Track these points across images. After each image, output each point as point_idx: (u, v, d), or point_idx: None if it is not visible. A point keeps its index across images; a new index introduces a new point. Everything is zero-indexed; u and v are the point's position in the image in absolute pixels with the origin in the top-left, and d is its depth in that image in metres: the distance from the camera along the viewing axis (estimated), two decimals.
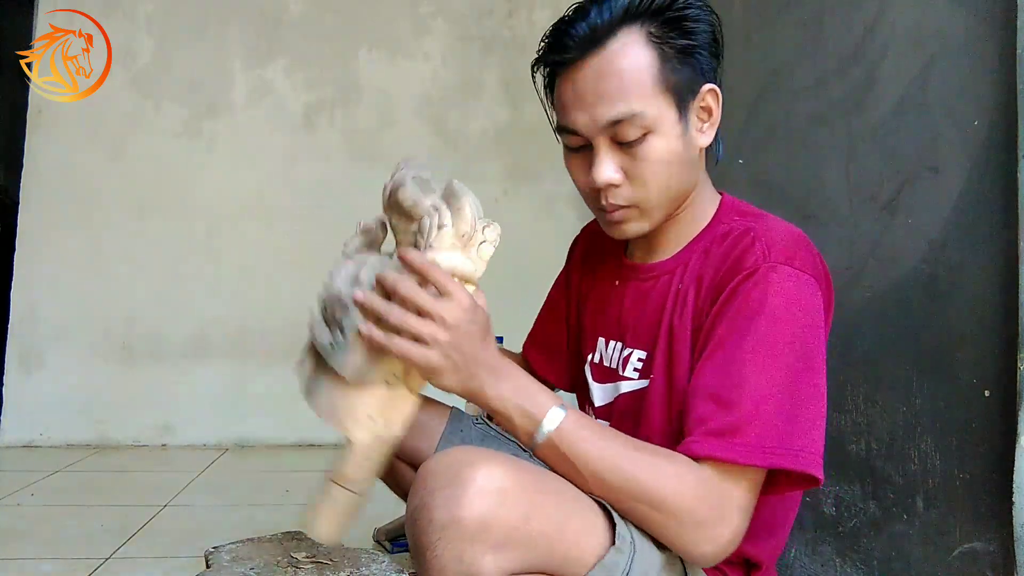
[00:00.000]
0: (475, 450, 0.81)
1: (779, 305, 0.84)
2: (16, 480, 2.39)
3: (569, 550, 0.79)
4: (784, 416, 0.81)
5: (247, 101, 3.19)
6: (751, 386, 0.82)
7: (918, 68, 1.21)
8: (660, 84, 0.89)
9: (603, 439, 0.84)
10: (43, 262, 3.03)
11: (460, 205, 0.84)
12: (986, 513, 1.05)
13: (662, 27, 0.89)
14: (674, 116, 0.90)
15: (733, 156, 1.73)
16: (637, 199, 0.92)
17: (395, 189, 0.92)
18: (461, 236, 0.84)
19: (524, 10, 3.33)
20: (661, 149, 0.90)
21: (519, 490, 0.76)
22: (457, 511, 0.73)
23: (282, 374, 3.08)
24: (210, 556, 1.38)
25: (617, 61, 0.89)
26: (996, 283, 1.04)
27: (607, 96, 0.88)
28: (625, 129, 0.89)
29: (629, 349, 1.00)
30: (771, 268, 0.86)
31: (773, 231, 0.91)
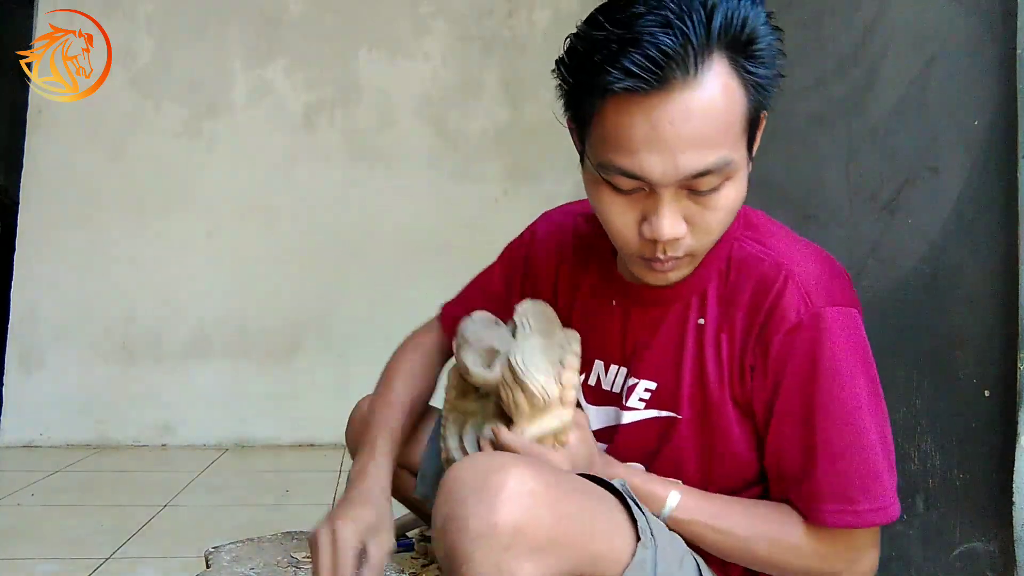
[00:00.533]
0: (501, 454, 0.81)
1: (840, 357, 0.83)
2: (16, 480, 2.39)
3: (600, 550, 0.78)
4: (886, 463, 0.85)
5: (247, 101, 3.19)
6: (853, 449, 0.83)
7: (918, 68, 1.21)
8: (745, 121, 0.78)
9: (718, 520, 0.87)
10: (43, 262, 3.03)
11: (527, 388, 0.84)
12: (986, 513, 1.05)
13: (747, 53, 0.76)
14: (746, 157, 0.81)
15: None
16: (695, 249, 0.82)
17: (464, 375, 0.92)
18: (537, 408, 0.86)
19: (524, 10, 3.33)
20: (733, 197, 0.80)
21: (549, 492, 0.75)
22: (491, 518, 0.71)
23: (282, 374, 3.11)
24: (210, 556, 1.38)
25: (710, 98, 0.74)
26: (996, 283, 1.04)
27: (697, 142, 0.74)
28: (708, 180, 0.77)
29: (635, 379, 0.95)
30: (814, 316, 0.83)
31: (803, 264, 0.87)
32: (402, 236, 3.16)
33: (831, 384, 0.83)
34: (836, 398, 0.83)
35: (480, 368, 0.89)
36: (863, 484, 0.83)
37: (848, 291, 0.89)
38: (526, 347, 0.85)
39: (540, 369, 0.84)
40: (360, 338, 3.10)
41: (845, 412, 0.83)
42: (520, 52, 3.30)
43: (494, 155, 3.27)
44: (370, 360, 3.55)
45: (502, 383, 0.86)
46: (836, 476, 0.83)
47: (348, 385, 3.03)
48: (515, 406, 0.86)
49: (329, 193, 3.18)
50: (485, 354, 0.90)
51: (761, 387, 0.87)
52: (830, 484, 0.83)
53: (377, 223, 3.18)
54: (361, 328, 3.12)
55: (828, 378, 0.83)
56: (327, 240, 3.16)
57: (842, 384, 0.83)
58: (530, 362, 0.84)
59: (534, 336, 0.88)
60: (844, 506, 0.83)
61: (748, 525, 0.87)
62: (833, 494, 0.83)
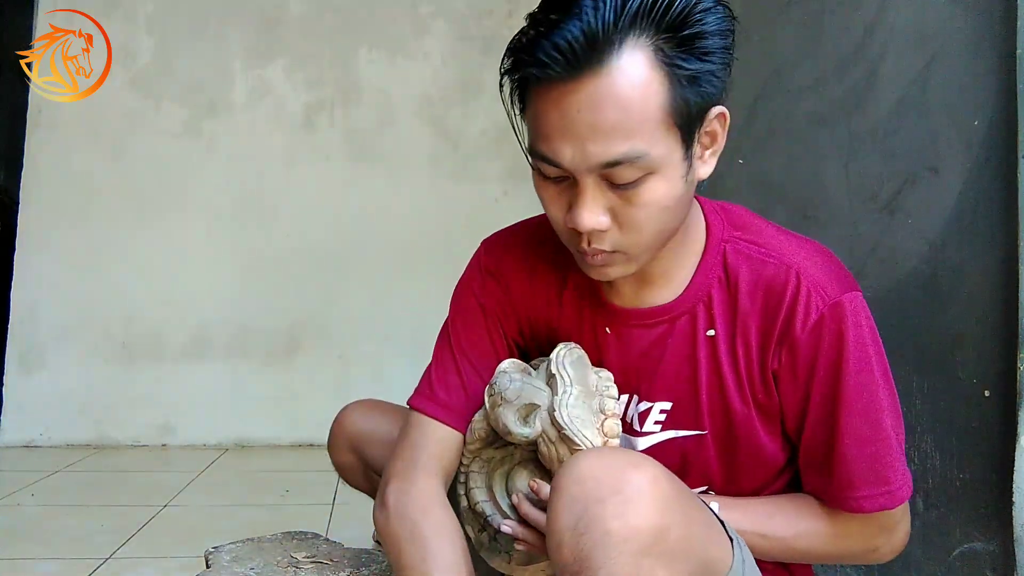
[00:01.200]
0: (629, 452, 0.80)
1: (866, 340, 0.85)
2: (16, 480, 2.39)
3: (714, 555, 0.78)
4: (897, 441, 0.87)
5: (247, 101, 3.19)
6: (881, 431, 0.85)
7: (918, 68, 1.21)
8: (669, 117, 0.73)
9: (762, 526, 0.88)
10: (43, 262, 3.03)
11: (572, 443, 0.82)
12: (986, 513, 1.05)
13: (676, 42, 0.72)
14: (680, 154, 0.75)
15: (733, 156, 1.73)
16: (625, 246, 0.79)
17: (504, 435, 0.88)
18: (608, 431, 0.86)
19: (524, 10, 3.27)
20: (661, 193, 0.75)
21: (677, 495, 0.73)
22: (634, 520, 0.68)
23: (282, 374, 3.11)
24: (210, 556, 1.38)
25: (621, 87, 0.71)
26: (996, 283, 1.04)
27: (605, 131, 0.72)
28: (622, 171, 0.73)
29: (647, 403, 0.92)
30: (836, 306, 0.84)
31: (807, 260, 0.87)
32: (402, 236, 3.16)
33: (855, 371, 0.84)
34: (860, 386, 0.85)
35: (521, 427, 0.85)
36: (891, 464, 0.85)
37: (849, 276, 0.90)
38: (569, 402, 0.82)
39: (584, 423, 0.82)
40: (360, 338, 3.10)
41: (868, 397, 0.85)
42: None
43: (494, 155, 3.27)
44: (370, 360, 3.56)
45: (544, 439, 0.85)
46: (866, 460, 0.84)
47: (348, 385, 3.05)
48: (558, 462, 0.83)
49: (329, 193, 3.17)
50: (523, 409, 0.86)
51: (792, 389, 0.87)
52: (862, 470, 0.85)
53: (377, 223, 3.17)
54: (361, 328, 3.12)
55: (852, 366, 0.84)
56: (327, 240, 3.16)
57: (862, 370, 0.85)
58: (575, 417, 0.82)
59: (574, 388, 0.84)
60: (879, 489, 0.84)
61: (788, 524, 0.88)
62: (866, 480, 0.85)
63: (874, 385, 0.85)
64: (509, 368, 0.90)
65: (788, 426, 0.90)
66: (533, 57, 0.72)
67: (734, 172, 1.71)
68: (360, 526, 1.84)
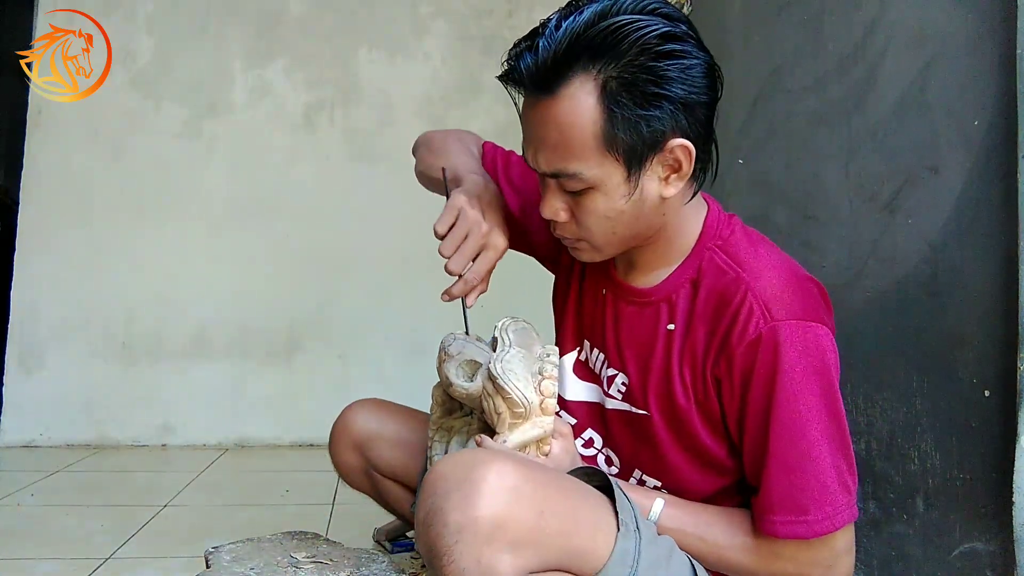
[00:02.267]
0: (483, 450, 0.83)
1: (797, 371, 0.85)
2: (16, 480, 2.39)
3: (584, 544, 0.80)
4: (843, 471, 0.87)
5: (247, 101, 3.19)
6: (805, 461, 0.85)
7: (918, 68, 1.21)
8: (605, 145, 0.82)
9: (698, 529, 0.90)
10: (43, 262, 3.03)
11: (507, 395, 0.87)
12: (986, 513, 1.05)
13: (622, 81, 0.80)
14: (620, 177, 0.84)
15: (733, 156, 1.73)
16: (582, 237, 0.91)
17: (446, 388, 0.96)
18: (518, 415, 0.88)
19: (524, 10, 3.33)
20: (602, 206, 0.86)
21: (531, 487, 0.76)
22: (472, 512, 0.72)
23: (282, 374, 3.11)
24: (210, 556, 1.38)
25: (561, 115, 0.82)
26: (996, 283, 1.04)
27: (549, 147, 0.85)
28: (565, 182, 0.86)
29: (613, 370, 0.99)
30: (775, 330, 0.85)
31: (763, 279, 0.89)
32: (402, 236, 3.16)
33: (785, 398, 0.85)
34: (790, 413, 0.85)
35: (462, 380, 0.92)
36: (813, 496, 0.85)
37: (813, 307, 0.89)
38: (505, 358, 0.89)
39: (519, 377, 0.88)
40: (360, 338, 3.11)
41: (798, 427, 0.85)
42: None
43: None
44: (370, 360, 3.57)
45: (484, 393, 0.89)
46: (786, 487, 0.85)
47: (348, 385, 3.05)
48: (496, 415, 0.88)
49: (329, 193, 3.17)
50: (467, 366, 0.93)
51: (730, 400, 0.90)
52: (780, 494, 0.86)
53: (377, 223, 3.17)
54: (361, 328, 3.12)
55: (783, 392, 0.85)
56: (327, 240, 3.16)
57: (796, 398, 0.85)
58: (509, 370, 0.88)
59: (513, 349, 0.91)
60: (794, 516, 0.85)
61: (726, 534, 0.90)
62: (783, 505, 0.86)
63: (808, 416, 0.85)
64: (459, 334, 1.00)
65: (732, 433, 0.92)
66: (508, 74, 0.86)
67: (734, 172, 1.71)
68: (360, 526, 1.84)
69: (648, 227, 0.92)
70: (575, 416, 1.06)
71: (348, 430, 1.33)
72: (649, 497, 0.92)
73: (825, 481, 0.85)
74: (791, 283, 0.90)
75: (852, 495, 0.87)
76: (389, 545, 1.69)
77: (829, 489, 0.85)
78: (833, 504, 0.85)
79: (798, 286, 0.90)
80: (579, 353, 1.07)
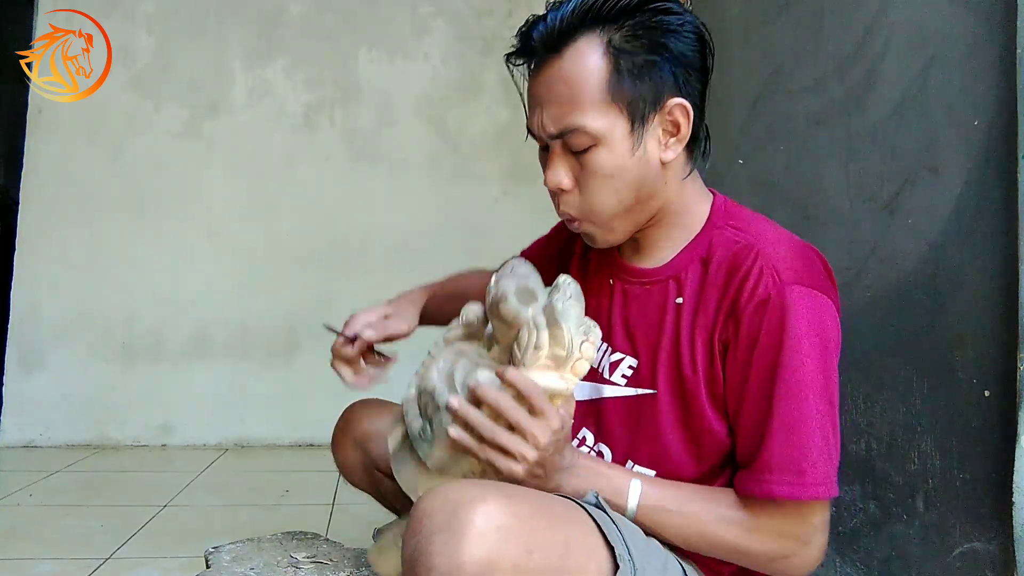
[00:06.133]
0: (470, 485, 0.80)
1: (803, 335, 0.86)
2: (16, 480, 2.39)
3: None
4: (831, 444, 0.87)
5: (247, 101, 3.19)
6: (804, 424, 0.85)
7: (918, 68, 1.21)
8: (610, 95, 0.86)
9: (681, 504, 0.89)
10: (43, 262, 3.03)
11: (558, 330, 0.85)
12: (986, 513, 1.05)
13: (625, 35, 0.86)
14: (624, 130, 0.88)
15: (733, 156, 1.73)
16: (587, 211, 0.92)
17: (497, 301, 0.91)
18: (556, 358, 0.86)
19: (524, 10, 3.32)
20: (607, 163, 0.88)
21: (519, 524, 0.74)
22: (458, 557, 0.70)
23: (282, 374, 3.11)
24: (210, 556, 1.38)
25: (567, 69, 0.87)
26: (996, 283, 1.04)
27: (555, 104, 0.88)
28: (572, 139, 0.88)
29: (619, 354, 0.99)
30: (783, 292, 0.86)
31: (773, 245, 0.91)
32: (402, 236, 3.16)
33: (792, 360, 0.86)
34: (795, 374, 0.86)
35: (516, 302, 0.89)
36: (810, 458, 0.85)
37: (820, 277, 0.91)
38: (568, 302, 0.87)
39: (573, 324, 0.86)
40: None
41: (800, 389, 0.86)
42: None
43: (494, 155, 3.26)
44: None
45: (531, 324, 0.86)
46: (788, 448, 0.85)
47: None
48: (533, 350, 0.85)
49: (329, 193, 3.17)
50: (523, 293, 0.90)
51: (733, 362, 0.89)
52: (781, 456, 0.85)
53: (377, 223, 3.18)
54: None
55: (790, 354, 0.85)
56: (327, 240, 3.16)
57: (802, 362, 0.86)
58: (568, 312, 0.86)
59: (573, 299, 0.89)
60: (792, 477, 0.85)
61: (708, 508, 0.89)
62: (782, 466, 0.85)
63: (809, 382, 0.86)
64: (527, 262, 0.99)
65: (730, 401, 0.91)
66: (519, 47, 0.91)
67: (734, 172, 1.72)
68: (360, 526, 1.84)
69: (650, 196, 0.92)
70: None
71: (351, 428, 1.33)
72: (628, 475, 0.90)
73: (820, 447, 0.86)
74: (800, 252, 0.91)
75: (835, 472, 0.88)
76: None
77: (822, 456, 0.86)
78: (825, 471, 0.86)
79: (805, 256, 0.92)
80: None
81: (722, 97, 0.94)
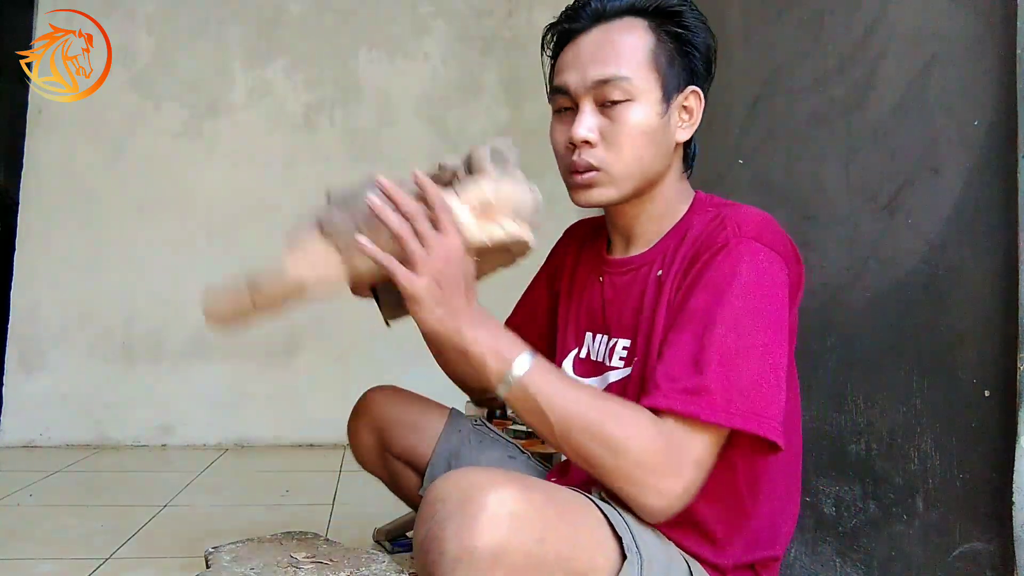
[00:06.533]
0: (483, 471, 0.80)
1: (748, 276, 0.87)
2: (16, 480, 2.39)
3: (582, 568, 0.78)
4: (750, 381, 0.83)
5: (247, 101, 3.19)
6: (720, 349, 0.84)
7: (918, 68, 1.21)
8: (651, 62, 0.96)
9: (570, 386, 0.87)
10: (43, 262, 3.03)
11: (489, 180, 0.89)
12: (986, 513, 1.05)
13: (663, 26, 0.98)
14: (658, 95, 0.96)
15: (733, 156, 1.73)
16: (607, 163, 0.96)
17: (472, 150, 0.96)
18: (483, 204, 0.89)
19: (524, 10, 3.33)
20: (639, 118, 0.95)
21: (532, 512, 0.74)
22: (470, 541, 0.70)
23: (282, 374, 3.11)
24: (210, 556, 1.38)
25: (616, 33, 0.97)
26: (996, 283, 1.04)
27: (601, 59, 0.96)
28: (610, 89, 0.94)
29: (614, 339, 1.02)
30: (740, 242, 0.89)
31: (741, 212, 0.95)
32: None
33: (730, 292, 0.86)
34: (732, 305, 0.85)
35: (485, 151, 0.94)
36: (713, 381, 0.82)
37: (779, 241, 0.92)
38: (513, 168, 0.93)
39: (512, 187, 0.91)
40: (360, 338, 3.10)
41: (750, 323, 0.85)
42: (520, 52, 3.29)
43: None
44: (370, 360, 3.57)
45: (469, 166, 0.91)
46: (693, 366, 0.83)
47: (348, 385, 3.02)
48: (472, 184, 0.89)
49: None
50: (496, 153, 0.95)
51: (681, 297, 0.91)
52: (683, 373, 0.83)
53: None
54: (361, 328, 3.11)
55: (734, 288, 0.86)
56: None
57: (750, 302, 0.86)
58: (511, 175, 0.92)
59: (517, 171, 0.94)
60: (688, 395, 0.82)
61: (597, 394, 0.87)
62: (676, 378, 0.83)
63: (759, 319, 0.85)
64: None
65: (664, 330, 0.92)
66: (568, 18, 1.00)
67: (734, 172, 1.72)
68: (360, 526, 1.84)
69: (662, 165, 0.99)
70: None
71: (368, 412, 1.34)
72: (525, 347, 0.87)
73: (731, 377, 0.82)
74: (769, 224, 0.94)
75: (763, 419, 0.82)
76: (389, 545, 1.69)
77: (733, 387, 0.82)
78: (729, 401, 0.81)
79: (776, 229, 0.94)
80: (578, 351, 1.08)
81: (722, 97, 0.95)
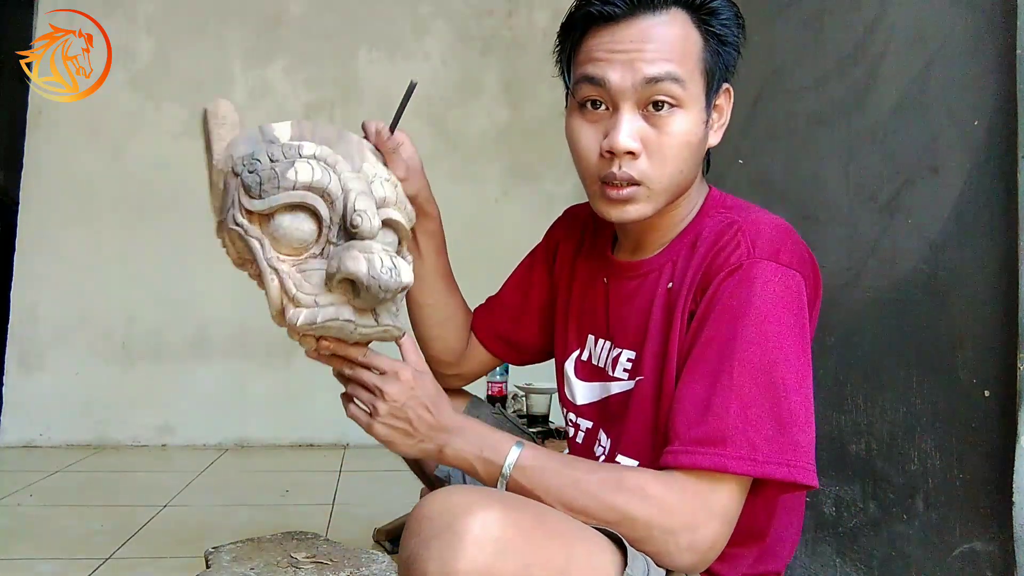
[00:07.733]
0: (473, 491, 0.77)
1: (763, 306, 0.82)
2: (16, 480, 2.39)
3: None
4: (772, 422, 0.80)
5: (247, 101, 3.19)
6: (738, 392, 0.80)
7: (918, 68, 1.21)
8: (700, 64, 0.88)
9: (564, 466, 0.84)
10: (43, 262, 3.03)
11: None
12: (986, 513, 1.05)
13: (706, 23, 0.90)
14: (703, 101, 0.89)
15: (733, 156, 1.73)
16: (650, 177, 0.88)
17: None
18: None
19: (524, 10, 3.33)
20: (686, 127, 0.87)
21: (518, 536, 0.71)
22: (452, 565, 0.68)
23: (282, 374, 3.11)
24: (210, 556, 1.38)
25: (668, 25, 0.87)
26: (996, 283, 1.04)
27: (652, 53, 0.85)
28: (663, 89, 0.85)
29: (618, 349, 0.98)
30: (753, 264, 0.84)
31: (757, 223, 0.88)
32: None
33: (745, 326, 0.81)
34: (747, 341, 0.81)
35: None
36: (733, 428, 0.79)
37: (797, 256, 0.88)
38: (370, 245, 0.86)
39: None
40: None
41: (766, 362, 0.81)
42: (520, 52, 3.30)
43: (494, 155, 3.27)
44: None
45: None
46: (745, 422, 0.79)
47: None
48: None
49: None
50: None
51: (693, 329, 0.86)
52: (700, 421, 0.80)
53: None
54: None
55: (754, 324, 0.81)
56: None
57: (766, 334, 0.81)
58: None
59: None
60: (707, 447, 0.79)
61: (592, 467, 0.85)
62: (700, 430, 0.80)
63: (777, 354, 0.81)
64: None
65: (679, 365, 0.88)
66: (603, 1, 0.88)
67: (734, 172, 1.71)
68: (360, 526, 1.84)
69: (695, 175, 0.94)
70: (590, 420, 1.03)
71: None
72: (512, 440, 0.86)
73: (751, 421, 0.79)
74: (782, 233, 0.89)
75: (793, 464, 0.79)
76: (389, 545, 1.69)
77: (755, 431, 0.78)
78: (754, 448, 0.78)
79: (793, 240, 0.89)
80: (580, 353, 1.06)
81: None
